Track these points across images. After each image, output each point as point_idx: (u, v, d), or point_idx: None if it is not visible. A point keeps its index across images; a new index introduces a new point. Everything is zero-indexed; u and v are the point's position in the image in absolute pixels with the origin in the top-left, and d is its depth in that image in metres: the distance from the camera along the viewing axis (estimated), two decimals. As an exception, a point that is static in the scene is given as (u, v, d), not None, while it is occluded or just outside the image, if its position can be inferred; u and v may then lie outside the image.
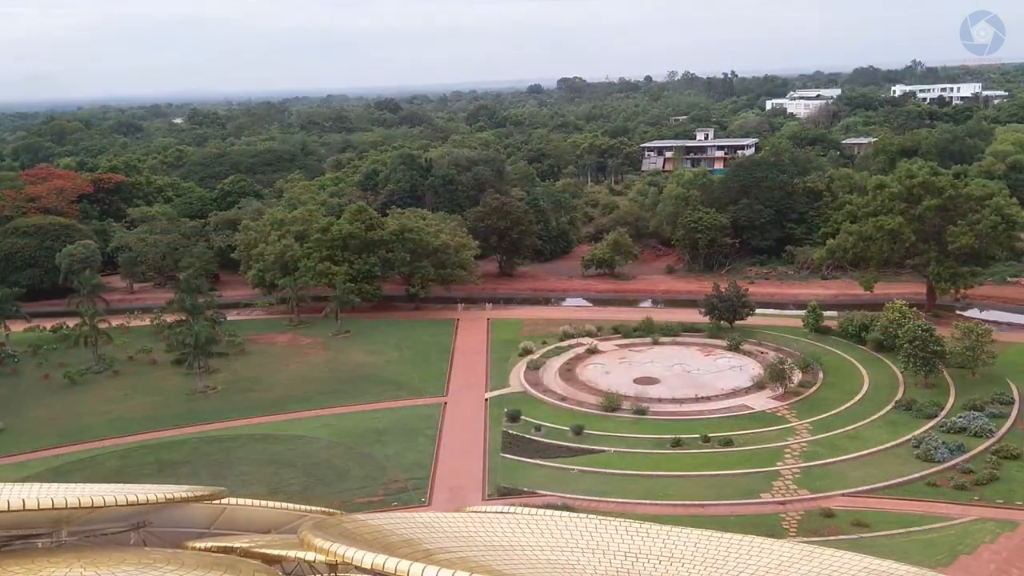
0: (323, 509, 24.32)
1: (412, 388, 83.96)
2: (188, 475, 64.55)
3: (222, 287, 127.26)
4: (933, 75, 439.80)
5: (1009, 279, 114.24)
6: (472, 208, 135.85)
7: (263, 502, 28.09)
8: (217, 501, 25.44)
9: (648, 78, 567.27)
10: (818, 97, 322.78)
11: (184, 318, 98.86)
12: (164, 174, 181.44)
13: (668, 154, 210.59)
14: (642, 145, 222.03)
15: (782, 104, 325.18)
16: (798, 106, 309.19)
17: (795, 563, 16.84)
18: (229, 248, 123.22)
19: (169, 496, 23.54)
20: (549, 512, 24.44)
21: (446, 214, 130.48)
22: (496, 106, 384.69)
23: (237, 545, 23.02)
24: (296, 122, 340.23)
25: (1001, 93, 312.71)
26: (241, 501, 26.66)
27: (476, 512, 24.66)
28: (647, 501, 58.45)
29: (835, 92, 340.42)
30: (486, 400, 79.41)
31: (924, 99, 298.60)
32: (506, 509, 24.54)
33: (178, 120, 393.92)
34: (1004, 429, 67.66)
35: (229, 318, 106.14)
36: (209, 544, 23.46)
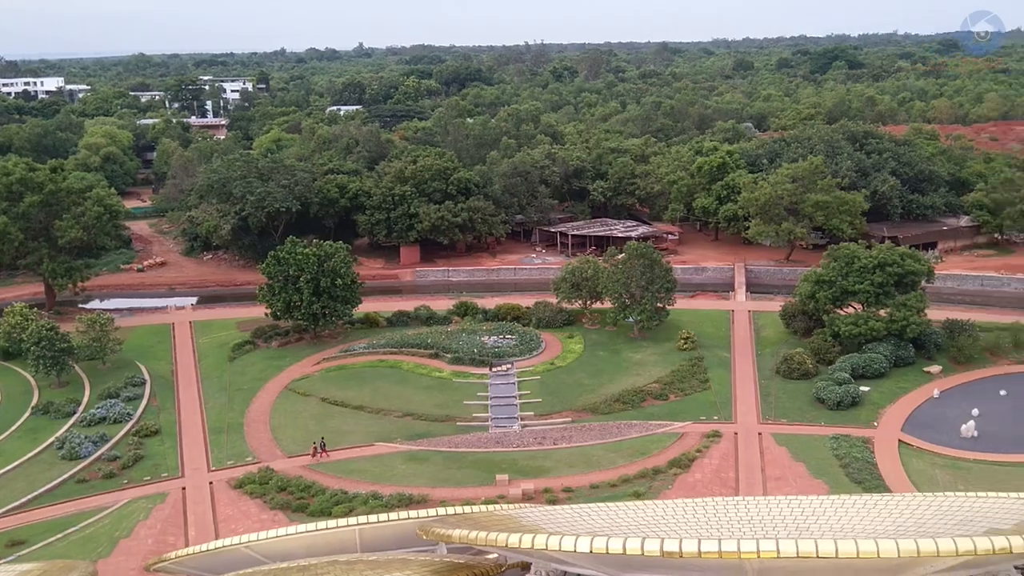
0: None
1: None
2: None
3: None
4: (15, 68, 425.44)
5: (122, 266, 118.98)
6: None
7: None
8: None
9: None
10: None
11: None
12: None
13: None
14: None
15: None
16: None
17: None
18: None
19: None
20: None
21: None
22: None
23: None
24: None
25: (84, 87, 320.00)
26: None
27: None
28: None
29: None
30: None
31: (9, 93, 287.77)
32: None
33: None
34: (141, 409, 70.86)
35: None
36: None
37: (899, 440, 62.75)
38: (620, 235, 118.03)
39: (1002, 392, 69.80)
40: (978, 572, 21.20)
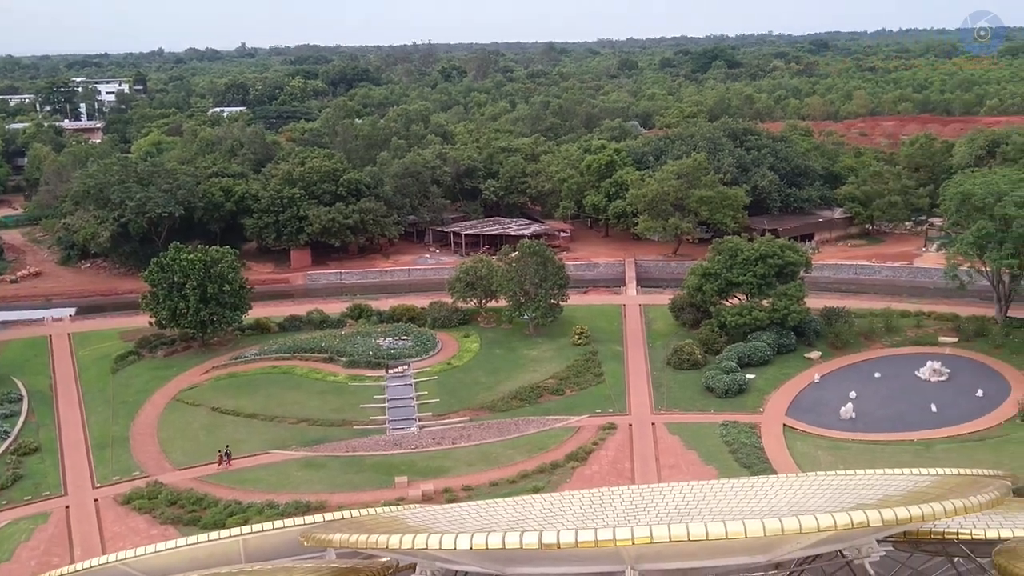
0: None
1: None
2: None
3: None
4: None
5: None
6: None
7: None
8: None
9: None
10: None
11: None
12: None
13: None
14: None
15: None
16: None
17: None
18: None
19: None
20: None
21: None
22: None
23: None
24: None
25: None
26: None
27: None
28: None
29: None
30: None
31: None
32: None
33: None
34: (18, 427, 67.71)
35: None
36: None
37: (784, 424, 65.52)
38: (513, 234, 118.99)
39: (876, 375, 73.65)
40: (843, 546, 22.52)
